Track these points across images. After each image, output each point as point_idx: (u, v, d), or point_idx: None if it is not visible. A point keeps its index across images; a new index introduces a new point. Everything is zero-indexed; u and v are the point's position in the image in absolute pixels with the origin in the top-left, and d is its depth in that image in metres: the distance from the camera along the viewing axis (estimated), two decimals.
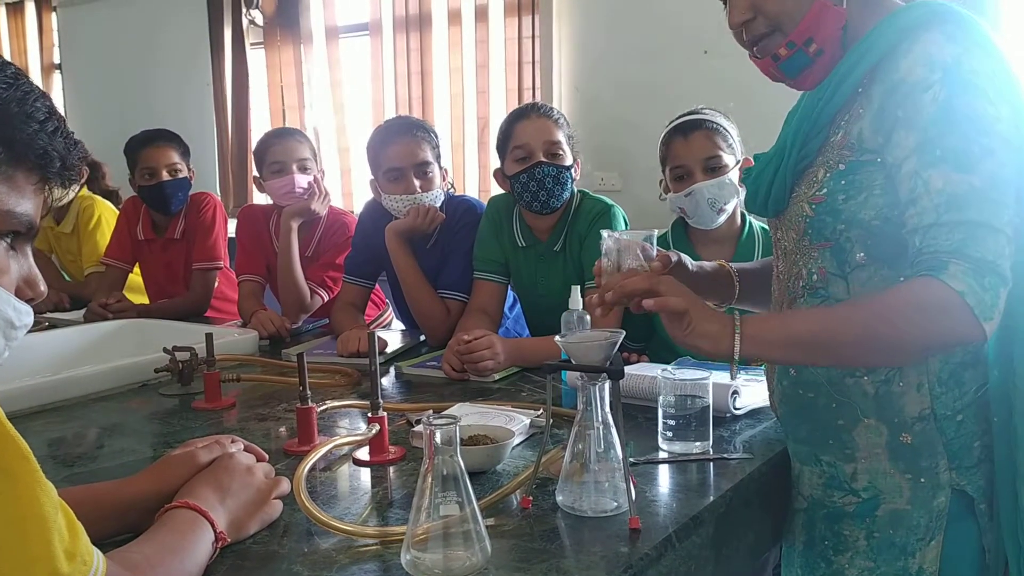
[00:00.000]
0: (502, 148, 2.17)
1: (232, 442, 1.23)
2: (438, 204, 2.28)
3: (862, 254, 1.19)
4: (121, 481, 1.16)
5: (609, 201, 2.17)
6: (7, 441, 0.74)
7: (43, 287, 0.90)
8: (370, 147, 2.33)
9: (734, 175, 2.00)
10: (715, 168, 1.97)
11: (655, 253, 1.26)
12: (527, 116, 2.13)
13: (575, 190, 2.17)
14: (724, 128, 2.01)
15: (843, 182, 1.18)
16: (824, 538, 1.31)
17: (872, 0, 1.21)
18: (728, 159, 1.99)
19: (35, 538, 0.74)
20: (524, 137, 2.10)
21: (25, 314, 0.88)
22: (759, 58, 1.24)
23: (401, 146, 2.25)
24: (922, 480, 1.22)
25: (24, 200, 0.85)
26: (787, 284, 1.31)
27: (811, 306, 1.26)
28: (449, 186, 2.38)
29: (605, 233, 1.27)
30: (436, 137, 2.33)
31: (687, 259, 1.40)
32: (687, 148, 1.99)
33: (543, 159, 2.08)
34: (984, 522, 1.22)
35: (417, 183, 2.25)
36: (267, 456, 1.27)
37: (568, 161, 2.11)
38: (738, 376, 1.62)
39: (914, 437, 1.21)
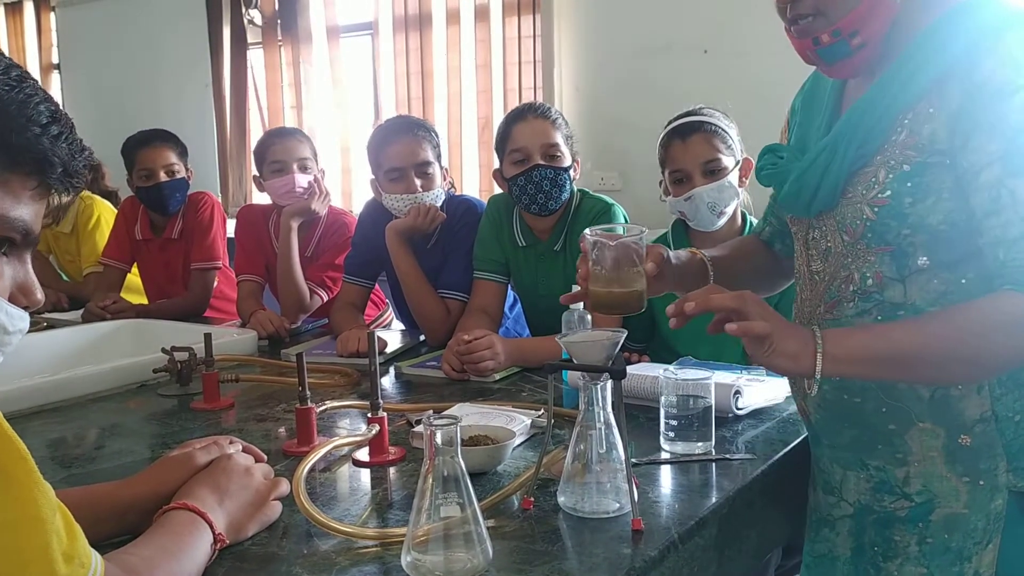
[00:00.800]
0: (500, 149, 2.16)
1: (230, 443, 1.22)
2: (439, 204, 2.28)
3: (925, 259, 1.15)
4: (119, 483, 1.15)
5: (609, 200, 2.16)
6: (5, 442, 0.73)
7: (39, 295, 0.88)
8: (371, 146, 2.32)
9: (734, 177, 1.98)
10: (714, 171, 1.96)
11: (644, 252, 1.22)
12: (524, 118, 2.11)
13: (575, 189, 2.16)
14: (723, 129, 1.99)
15: (909, 184, 1.13)
16: (874, 544, 1.26)
17: None
18: (727, 161, 1.97)
19: (32, 540, 0.73)
20: (521, 140, 2.09)
21: (19, 319, 0.86)
22: (797, 38, 1.20)
23: (402, 145, 2.25)
24: (981, 483, 1.18)
25: (20, 206, 0.82)
26: (828, 286, 1.25)
27: (863, 310, 1.21)
28: (449, 186, 2.37)
29: (588, 232, 1.21)
30: (437, 136, 2.33)
31: (669, 252, 1.35)
32: (685, 151, 1.98)
33: (540, 162, 2.07)
34: None
35: (418, 182, 2.24)
36: (266, 457, 1.26)
37: (566, 162, 2.10)
38: (741, 375, 1.63)
39: (974, 439, 1.17)
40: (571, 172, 2.12)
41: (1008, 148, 1.05)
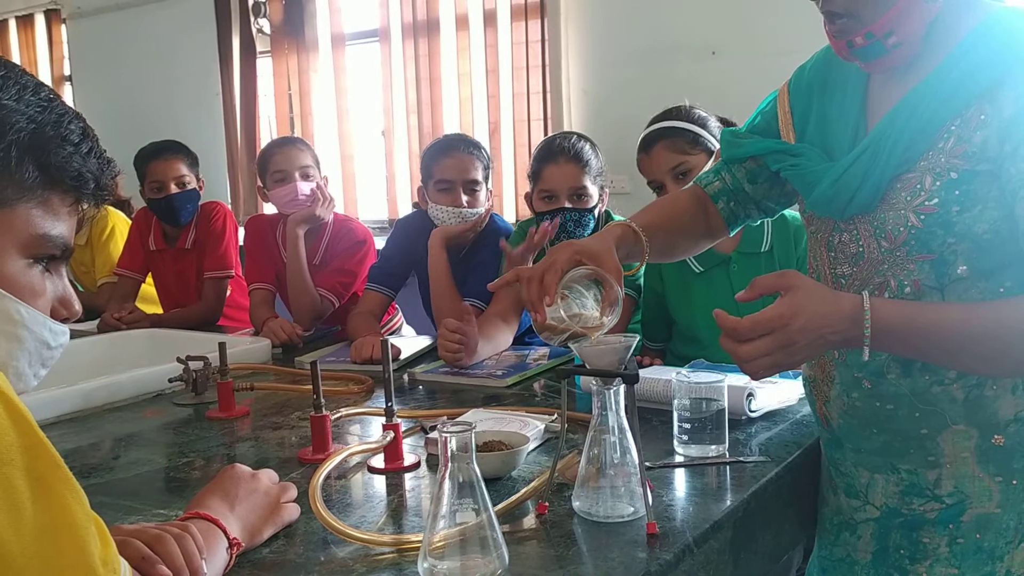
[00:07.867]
0: (532, 180, 2.24)
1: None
2: None
3: (964, 267, 1.13)
4: None
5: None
6: (40, 450, 0.74)
7: (77, 306, 0.92)
8: (425, 156, 2.45)
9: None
10: (685, 173, 1.96)
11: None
12: (555, 160, 2.16)
13: (602, 215, 2.23)
14: (693, 130, 1.98)
15: (956, 192, 1.11)
16: (900, 547, 1.25)
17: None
18: (696, 160, 1.96)
19: (69, 546, 0.74)
20: (551, 181, 2.17)
21: (60, 334, 0.90)
22: (834, 38, 1.19)
23: (456, 160, 2.35)
24: (1014, 482, 1.17)
25: (59, 223, 0.86)
26: (857, 291, 1.20)
27: None
28: (491, 206, 2.47)
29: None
30: (489, 159, 2.43)
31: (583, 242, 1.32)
32: (651, 163, 2.02)
33: (567, 204, 2.15)
34: None
35: (464, 198, 2.34)
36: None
37: (592, 202, 2.17)
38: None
39: (1007, 439, 1.16)
40: (596, 210, 2.18)
41: None
